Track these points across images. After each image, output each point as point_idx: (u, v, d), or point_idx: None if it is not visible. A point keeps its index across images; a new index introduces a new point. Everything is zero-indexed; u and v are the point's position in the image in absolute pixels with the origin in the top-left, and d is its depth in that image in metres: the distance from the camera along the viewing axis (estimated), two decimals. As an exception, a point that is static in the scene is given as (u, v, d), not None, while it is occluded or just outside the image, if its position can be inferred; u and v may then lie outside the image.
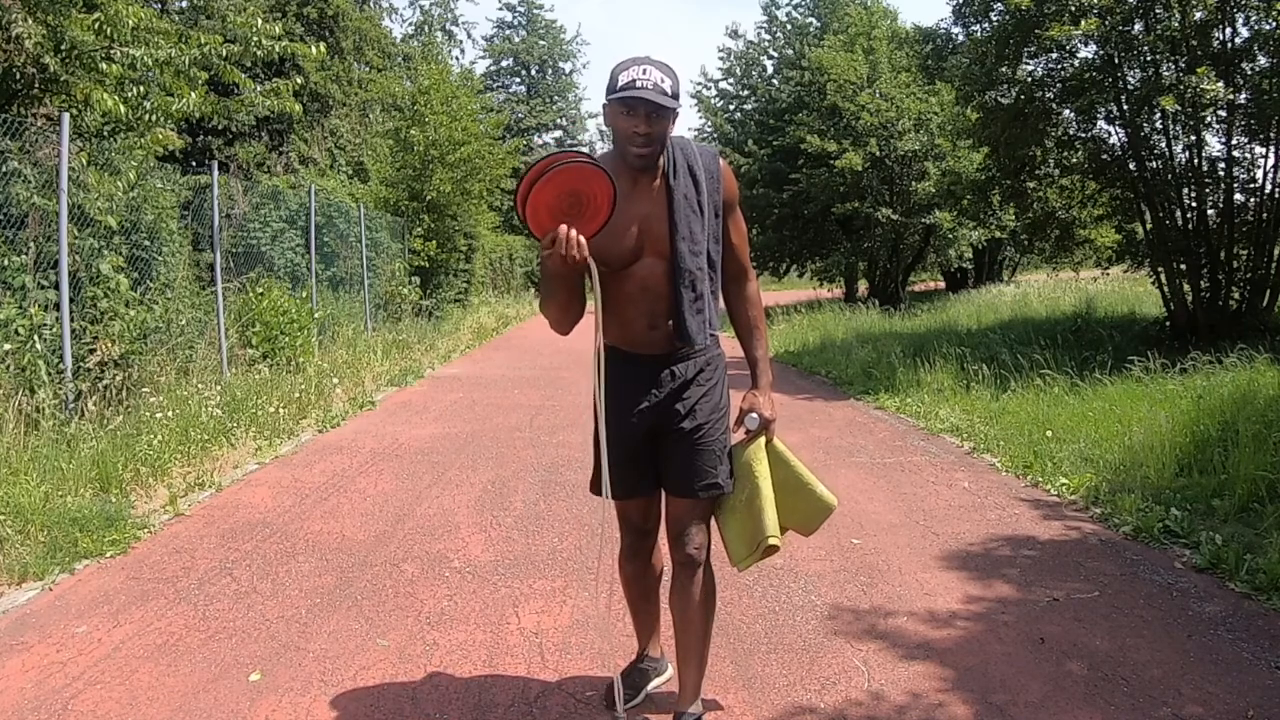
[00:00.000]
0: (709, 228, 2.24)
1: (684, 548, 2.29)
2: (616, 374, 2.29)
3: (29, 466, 4.28)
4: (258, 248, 9.39)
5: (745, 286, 2.40)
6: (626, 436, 2.29)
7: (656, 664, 2.67)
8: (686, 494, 2.28)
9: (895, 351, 9.31)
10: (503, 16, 40.97)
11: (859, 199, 17.46)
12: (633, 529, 2.44)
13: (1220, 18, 7.92)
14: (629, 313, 2.25)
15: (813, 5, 23.86)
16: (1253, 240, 8.51)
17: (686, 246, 2.20)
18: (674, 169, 2.22)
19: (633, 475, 2.31)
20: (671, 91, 2.07)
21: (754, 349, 2.39)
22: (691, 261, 2.20)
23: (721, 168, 2.28)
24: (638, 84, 2.04)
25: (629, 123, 2.10)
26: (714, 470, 2.28)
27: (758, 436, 2.33)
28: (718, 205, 2.27)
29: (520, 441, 6.32)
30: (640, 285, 2.22)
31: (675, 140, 2.24)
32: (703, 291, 2.23)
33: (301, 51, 7.60)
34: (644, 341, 2.27)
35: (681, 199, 2.20)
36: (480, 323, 16.40)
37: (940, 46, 10.68)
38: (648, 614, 2.62)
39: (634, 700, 2.56)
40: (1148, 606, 3.23)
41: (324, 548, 3.99)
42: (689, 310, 2.21)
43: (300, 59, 11.58)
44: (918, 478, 5.21)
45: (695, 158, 2.25)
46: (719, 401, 2.32)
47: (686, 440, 2.27)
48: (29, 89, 5.80)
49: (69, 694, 2.62)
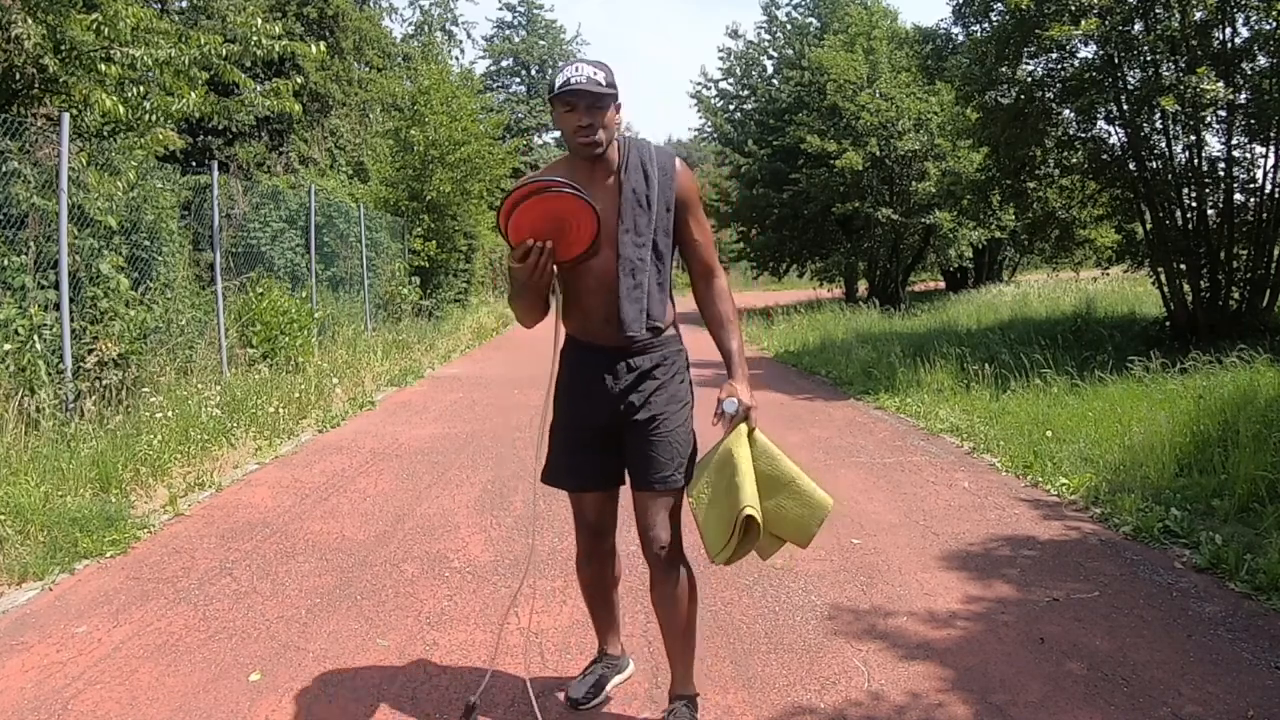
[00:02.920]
0: (657, 220, 2.29)
1: (651, 544, 2.30)
2: (575, 364, 2.37)
3: (29, 466, 4.28)
4: (258, 248, 9.39)
5: (713, 283, 2.42)
6: (581, 426, 2.35)
7: (617, 662, 2.69)
8: (644, 486, 2.31)
9: (895, 351, 9.30)
10: (503, 16, 40.97)
11: (859, 199, 17.46)
12: (588, 529, 2.45)
13: (1220, 18, 7.92)
14: (586, 304, 2.32)
15: (813, 5, 23.85)
16: (1253, 240, 8.50)
17: (630, 238, 2.26)
18: (626, 166, 2.29)
19: (586, 466, 2.37)
20: (606, 82, 2.16)
21: (727, 341, 2.37)
22: (634, 251, 2.26)
23: (676, 166, 2.34)
24: (572, 81, 2.14)
25: (571, 118, 2.19)
26: (669, 462, 2.29)
27: (737, 424, 2.26)
28: (669, 200, 2.31)
29: (520, 441, 6.31)
30: (597, 279, 2.27)
31: (633, 142, 2.32)
32: (643, 281, 2.27)
33: (301, 51, 7.60)
34: (601, 333, 2.32)
35: (630, 193, 2.27)
36: (480, 323, 16.40)
37: (940, 46, 10.67)
38: (607, 614, 2.65)
39: (595, 699, 2.57)
40: (1148, 606, 3.23)
41: (324, 548, 3.99)
42: (626, 298, 2.26)
43: (300, 59, 11.60)
44: (918, 478, 5.21)
45: (650, 156, 2.32)
46: (676, 393, 2.34)
47: (643, 432, 2.30)
48: (29, 89, 5.80)
49: (69, 694, 2.62)
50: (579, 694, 2.57)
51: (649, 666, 2.78)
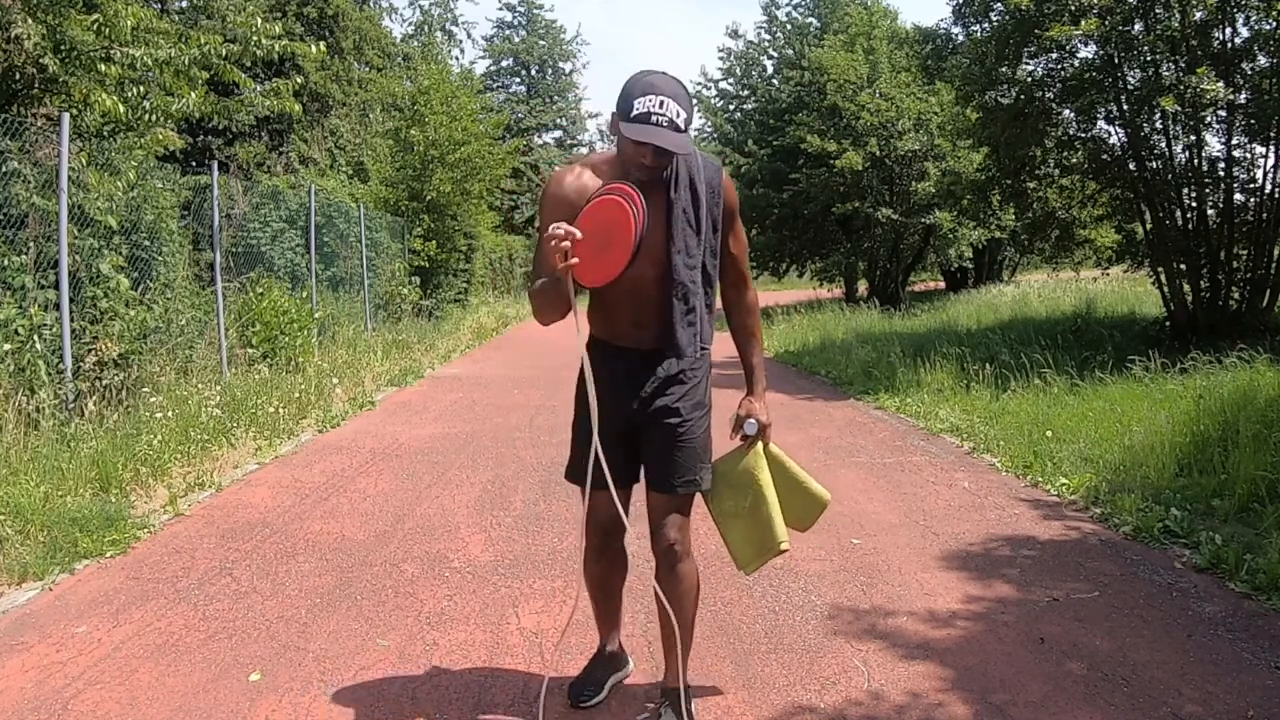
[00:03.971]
0: (706, 242, 2.26)
1: (662, 541, 2.32)
2: (601, 365, 2.33)
3: (29, 466, 4.28)
4: (258, 248, 9.39)
5: (744, 294, 2.44)
6: (606, 427, 2.31)
7: (617, 658, 2.70)
8: (665, 489, 2.32)
9: (895, 351, 9.30)
10: (503, 16, 40.91)
11: (859, 199, 17.46)
12: (600, 528, 2.43)
13: (1220, 18, 7.92)
14: (616, 312, 2.31)
15: (813, 5, 23.86)
16: (1253, 240, 8.50)
17: (681, 260, 2.22)
18: (675, 181, 2.22)
19: (610, 466, 2.32)
20: (685, 125, 2.06)
21: (750, 355, 2.43)
22: (685, 275, 2.23)
23: (724, 181, 2.30)
24: (653, 119, 2.02)
25: (638, 152, 2.10)
26: (693, 467, 2.32)
27: (755, 442, 2.39)
28: (716, 219, 2.28)
29: (520, 441, 6.31)
30: (630, 289, 2.23)
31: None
32: (695, 305, 2.26)
33: (301, 51, 7.60)
34: (629, 336, 2.31)
35: (680, 213, 2.21)
36: (480, 323, 16.40)
37: (940, 46, 10.67)
38: (610, 610, 2.65)
39: (597, 697, 2.57)
40: (1148, 606, 3.23)
41: (324, 548, 3.99)
42: (680, 323, 2.24)
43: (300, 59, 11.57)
44: (918, 478, 5.21)
45: (698, 170, 2.25)
46: (701, 399, 2.36)
47: (669, 436, 2.31)
48: (29, 89, 5.80)
49: (69, 694, 2.62)
50: (578, 692, 2.57)
51: (649, 666, 2.78)
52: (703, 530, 4.18)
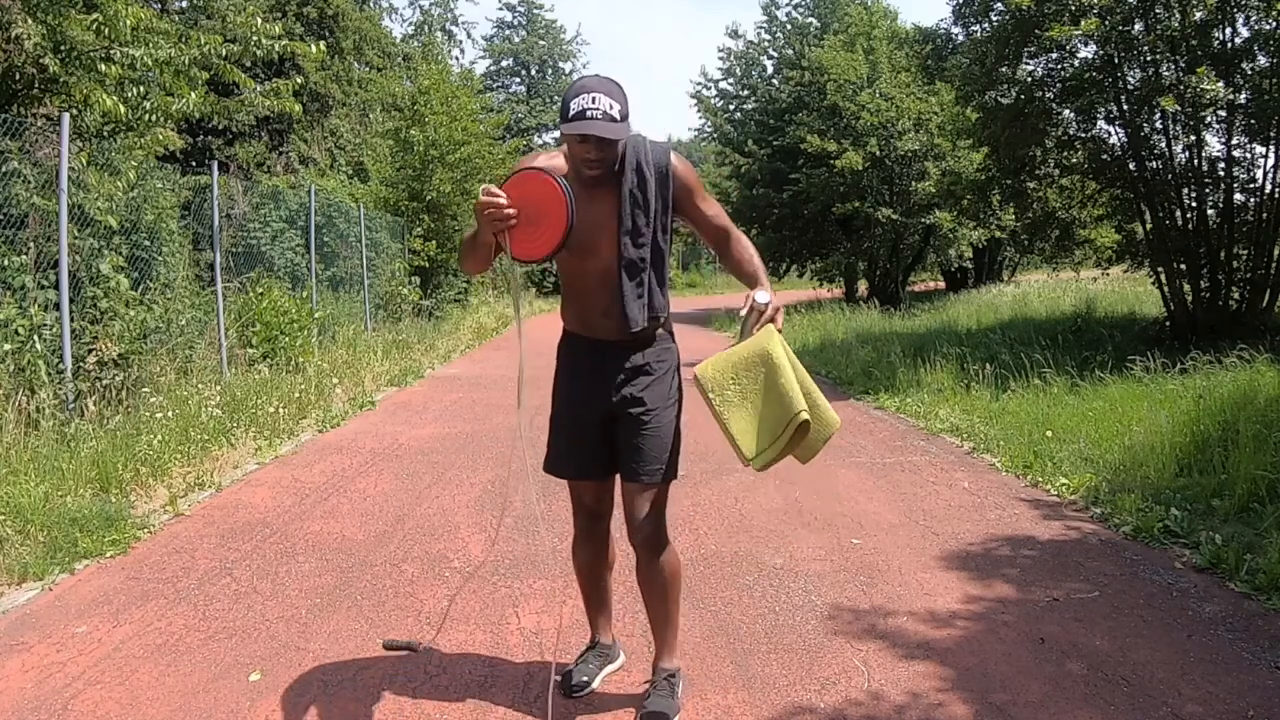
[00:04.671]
0: (655, 219, 2.34)
1: (637, 533, 2.41)
2: (573, 357, 2.49)
3: (29, 466, 4.28)
4: (258, 248, 9.39)
5: (734, 244, 2.45)
6: (580, 418, 2.45)
7: (609, 650, 2.75)
8: (634, 478, 2.40)
9: (895, 351, 9.30)
10: (503, 16, 40.98)
11: (859, 199, 17.46)
12: (585, 512, 2.56)
13: (1220, 18, 7.91)
14: (586, 301, 2.41)
15: (813, 5, 23.85)
16: (1253, 240, 8.50)
17: (630, 239, 2.32)
18: (623, 168, 2.32)
19: (585, 455, 2.47)
20: (620, 115, 2.17)
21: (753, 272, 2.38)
22: (634, 252, 2.33)
23: (672, 162, 2.37)
24: (588, 114, 2.15)
25: (581, 148, 2.22)
26: (656, 457, 2.39)
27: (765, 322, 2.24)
28: (667, 199, 2.36)
29: (520, 441, 6.31)
30: (598, 279, 2.36)
31: (629, 140, 2.32)
32: (643, 279, 2.35)
33: (301, 51, 7.60)
34: (598, 327, 2.41)
35: (628, 194, 2.31)
36: (480, 323, 16.40)
37: (940, 46, 10.67)
38: (600, 601, 2.72)
39: (588, 688, 2.62)
40: (1148, 606, 3.23)
41: (324, 548, 3.99)
42: (630, 296, 2.34)
43: (300, 59, 11.60)
44: (918, 478, 5.21)
45: (646, 155, 2.34)
46: (668, 391, 2.44)
47: (636, 425, 2.38)
48: (29, 89, 5.80)
49: (69, 694, 2.62)
50: (571, 681, 2.61)
51: (646, 661, 2.78)
52: (703, 530, 4.19)
